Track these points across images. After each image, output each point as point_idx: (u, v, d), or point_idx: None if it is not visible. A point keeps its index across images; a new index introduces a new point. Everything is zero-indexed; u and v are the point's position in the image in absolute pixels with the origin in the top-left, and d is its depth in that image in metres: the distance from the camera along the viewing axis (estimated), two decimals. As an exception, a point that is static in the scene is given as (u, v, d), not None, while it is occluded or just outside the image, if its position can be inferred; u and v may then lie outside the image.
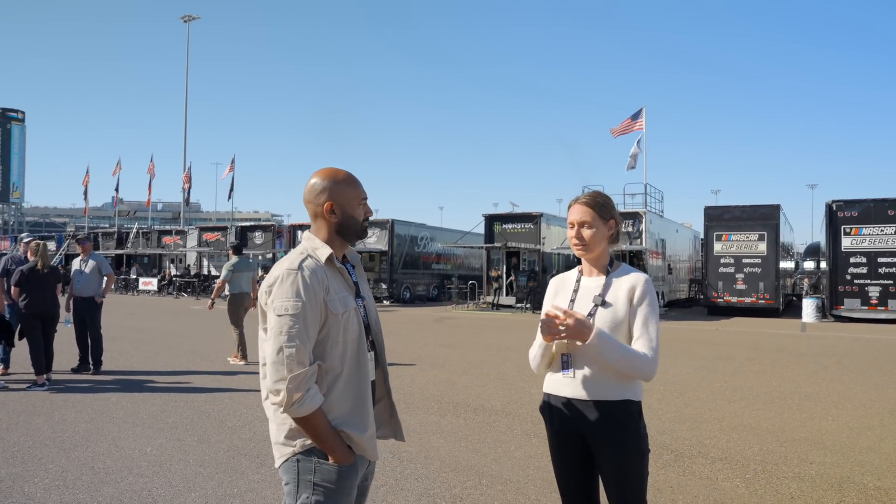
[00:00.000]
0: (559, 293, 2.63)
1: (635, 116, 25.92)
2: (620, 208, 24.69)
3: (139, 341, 12.91)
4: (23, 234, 11.90)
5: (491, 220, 27.24)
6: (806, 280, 27.75)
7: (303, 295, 2.02)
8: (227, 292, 10.50)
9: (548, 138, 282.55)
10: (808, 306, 21.28)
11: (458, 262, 34.59)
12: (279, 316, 2.02)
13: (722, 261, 23.46)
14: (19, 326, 8.19)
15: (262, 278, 9.11)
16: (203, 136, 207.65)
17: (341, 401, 2.10)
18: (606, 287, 2.50)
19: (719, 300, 23.43)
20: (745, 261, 23.15)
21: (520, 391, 8.28)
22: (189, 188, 42.66)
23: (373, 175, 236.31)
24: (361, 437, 2.10)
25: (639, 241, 23.27)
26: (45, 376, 7.89)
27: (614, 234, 2.57)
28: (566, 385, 2.50)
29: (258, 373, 2.13)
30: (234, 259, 10.45)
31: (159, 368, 9.55)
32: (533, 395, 8.05)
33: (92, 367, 9.07)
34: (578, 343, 2.39)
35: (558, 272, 20.55)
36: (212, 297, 10.91)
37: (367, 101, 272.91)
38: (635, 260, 23.89)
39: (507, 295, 26.35)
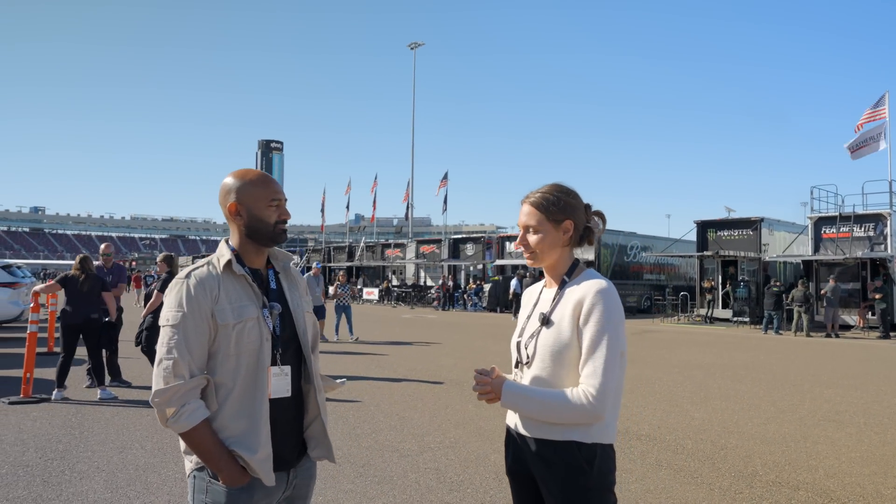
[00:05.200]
0: (524, 308, 2.23)
1: (877, 104, 22.32)
2: (858, 209, 21.58)
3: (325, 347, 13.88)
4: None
5: (704, 226, 25.27)
6: None
7: (184, 305, 1.92)
8: None
9: (779, 139, 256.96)
10: None
11: (673, 272, 32.58)
12: (163, 327, 1.94)
13: None
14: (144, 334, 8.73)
15: None
16: (439, 151, 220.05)
17: (234, 419, 1.93)
18: (556, 302, 2.05)
19: None
20: None
21: (681, 415, 7.45)
22: (409, 204, 45.26)
23: (594, 182, 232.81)
24: (252, 458, 1.91)
25: (882, 246, 20.04)
26: None
27: (575, 236, 2.10)
28: (515, 417, 2.11)
29: (425, 381, 2.05)
30: None
31: (334, 372, 10.08)
32: (695, 419, 7.20)
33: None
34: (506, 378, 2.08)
35: (778, 282, 18.21)
36: None
37: (592, 103, 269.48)
38: (880, 269, 20.56)
39: (723, 307, 24.24)
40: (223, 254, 2.05)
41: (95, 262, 8.73)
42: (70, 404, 7.46)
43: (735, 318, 22.77)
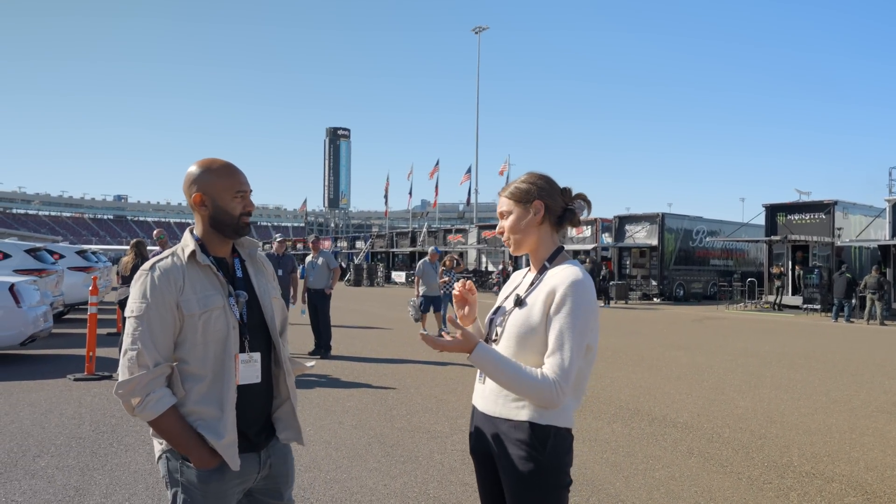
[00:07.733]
0: (508, 286, 2.27)
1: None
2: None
3: (382, 331, 14.10)
4: (276, 234, 13.19)
5: (773, 210, 24.36)
6: None
7: (148, 296, 1.95)
8: None
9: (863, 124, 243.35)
10: None
11: (742, 258, 31.55)
12: (128, 318, 1.98)
13: None
14: None
15: None
16: (503, 134, 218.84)
17: (202, 404, 1.97)
18: (534, 285, 2.08)
19: None
20: None
21: (725, 403, 7.28)
22: (471, 189, 45.34)
23: (665, 166, 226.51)
24: (218, 443, 1.95)
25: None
26: None
27: (550, 217, 2.12)
28: (479, 396, 2.16)
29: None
30: None
31: (384, 356, 10.29)
32: (738, 408, 7.03)
33: (322, 351, 10.14)
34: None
35: (848, 268, 17.50)
36: None
37: (661, 86, 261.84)
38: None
39: (793, 294, 23.36)
40: (187, 244, 2.06)
41: (153, 247, 9.19)
42: (129, 382, 7.89)
43: (805, 306, 21.92)
